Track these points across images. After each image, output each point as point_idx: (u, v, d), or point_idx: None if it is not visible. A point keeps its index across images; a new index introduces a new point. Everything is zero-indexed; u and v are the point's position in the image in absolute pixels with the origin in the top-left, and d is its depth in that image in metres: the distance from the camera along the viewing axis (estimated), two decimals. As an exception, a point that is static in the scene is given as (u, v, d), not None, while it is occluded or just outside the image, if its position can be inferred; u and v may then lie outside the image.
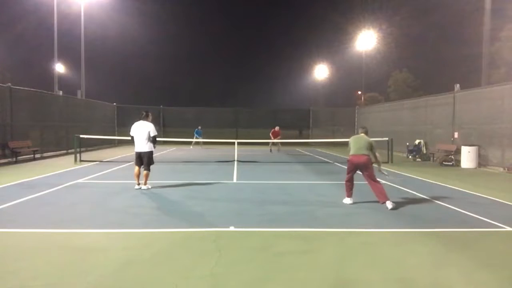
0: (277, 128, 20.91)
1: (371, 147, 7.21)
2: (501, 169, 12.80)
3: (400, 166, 14.13)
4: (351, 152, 7.25)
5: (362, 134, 7.57)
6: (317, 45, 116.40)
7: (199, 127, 24.96)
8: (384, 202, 6.78)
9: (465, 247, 4.75)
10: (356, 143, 7.29)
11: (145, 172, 8.51)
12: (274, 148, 21.48)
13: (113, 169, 12.48)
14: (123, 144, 26.71)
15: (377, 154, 7.33)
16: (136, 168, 8.60)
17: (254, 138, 25.25)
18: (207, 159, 16.34)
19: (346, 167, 7.47)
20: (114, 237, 5.06)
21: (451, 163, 14.50)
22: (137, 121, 8.66)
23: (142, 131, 8.44)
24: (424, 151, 17.20)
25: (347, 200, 7.25)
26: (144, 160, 8.47)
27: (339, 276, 3.79)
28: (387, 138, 16.29)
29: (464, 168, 13.72)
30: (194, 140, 24.21)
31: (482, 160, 13.72)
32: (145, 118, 8.61)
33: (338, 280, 3.69)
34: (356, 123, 28.94)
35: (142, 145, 8.45)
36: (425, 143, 17.39)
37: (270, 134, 20.71)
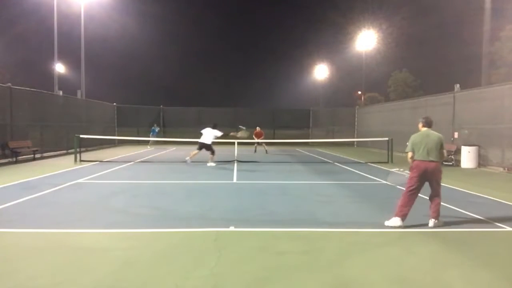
0: (258, 128, 20.61)
1: (441, 147, 5.58)
2: (501, 169, 12.80)
3: (400, 166, 14.13)
4: (417, 157, 5.59)
5: (427, 129, 5.73)
6: (317, 45, 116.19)
7: (155, 125, 24.72)
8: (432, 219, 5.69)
9: (465, 247, 4.75)
10: (426, 143, 5.53)
11: (211, 155, 13.44)
12: (259, 148, 20.99)
13: (113, 169, 12.48)
14: (123, 144, 26.74)
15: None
16: (197, 151, 13.74)
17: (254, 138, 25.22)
18: (207, 159, 16.32)
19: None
20: (114, 237, 5.06)
21: (451, 163, 14.50)
22: (205, 127, 13.84)
23: (208, 133, 13.57)
24: (424, 151, 17.17)
25: (397, 221, 5.50)
26: (209, 148, 13.50)
27: (339, 276, 3.80)
28: (387, 138, 16.31)
29: (464, 168, 13.72)
30: (151, 139, 23.40)
31: (482, 160, 13.72)
32: (214, 127, 13.74)
33: (338, 280, 3.69)
34: (356, 123, 28.95)
35: (207, 140, 13.48)
36: (425, 143, 17.37)
37: (253, 135, 20.43)
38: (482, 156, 13.73)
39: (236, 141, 17.01)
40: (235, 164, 14.04)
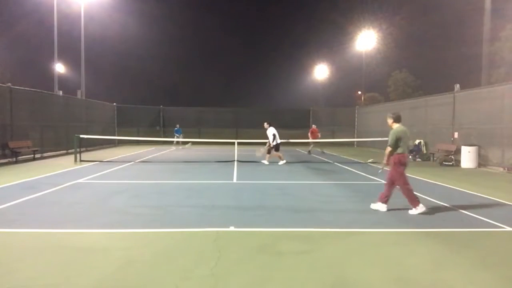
0: (313, 126, 21.28)
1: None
2: (501, 169, 12.81)
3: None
4: (402, 151, 6.37)
5: (401, 125, 6.65)
6: (317, 45, 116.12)
7: (178, 126, 24.65)
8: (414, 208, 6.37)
9: (465, 247, 4.75)
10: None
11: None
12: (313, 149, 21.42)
13: (113, 169, 12.48)
14: (123, 144, 26.74)
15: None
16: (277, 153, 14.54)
17: (254, 138, 25.21)
18: (207, 159, 16.35)
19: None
20: (114, 237, 5.06)
21: (451, 163, 14.50)
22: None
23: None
24: (424, 151, 17.21)
25: (383, 207, 6.49)
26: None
27: (339, 276, 3.80)
28: (387, 138, 16.30)
29: (464, 168, 13.72)
30: (175, 139, 23.66)
31: (482, 160, 13.72)
32: (268, 125, 14.44)
33: (338, 280, 3.69)
34: (356, 123, 28.95)
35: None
36: (425, 143, 17.40)
37: (309, 134, 20.82)
38: (482, 156, 13.73)
39: (236, 141, 17.01)
40: (235, 164, 14.04)
